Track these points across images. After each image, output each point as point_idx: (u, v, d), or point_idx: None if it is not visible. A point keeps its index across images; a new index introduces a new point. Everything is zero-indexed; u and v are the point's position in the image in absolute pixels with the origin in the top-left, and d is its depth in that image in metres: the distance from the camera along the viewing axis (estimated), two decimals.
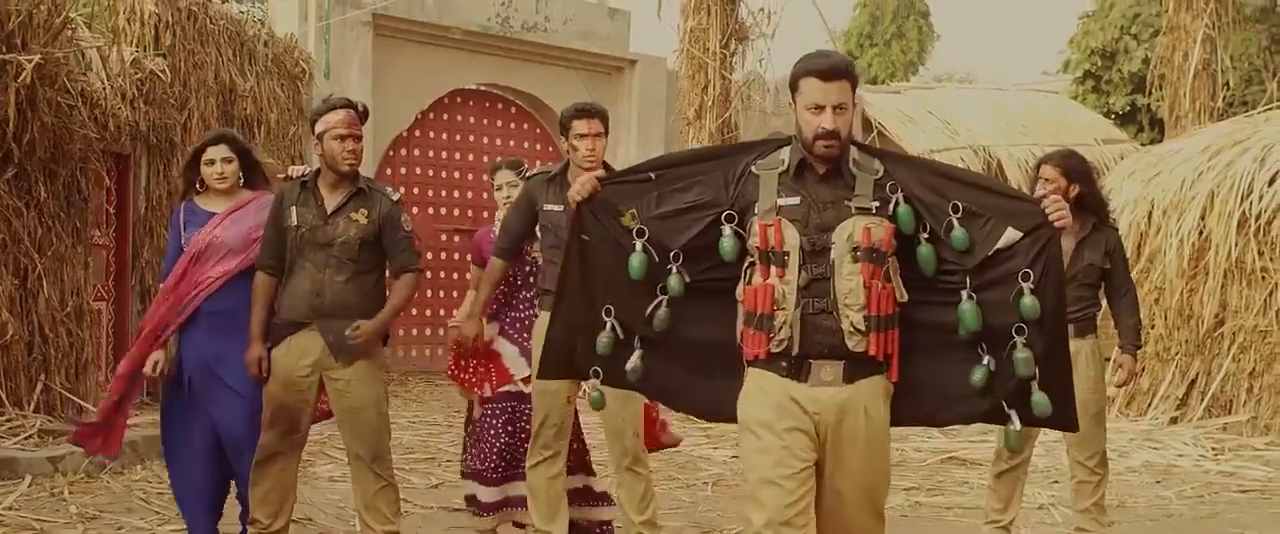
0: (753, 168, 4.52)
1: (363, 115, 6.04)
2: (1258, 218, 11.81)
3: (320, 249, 5.92)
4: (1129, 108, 23.95)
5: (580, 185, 4.66)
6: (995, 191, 4.55)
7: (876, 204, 4.37)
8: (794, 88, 4.46)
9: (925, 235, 4.41)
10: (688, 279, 4.54)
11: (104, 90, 9.98)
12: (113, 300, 10.97)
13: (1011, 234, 4.33)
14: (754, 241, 4.41)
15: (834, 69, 4.39)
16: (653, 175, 4.65)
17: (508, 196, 7.00)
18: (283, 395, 5.99)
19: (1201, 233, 12.37)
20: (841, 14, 46.42)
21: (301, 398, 6.00)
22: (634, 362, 4.64)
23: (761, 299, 4.37)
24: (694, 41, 14.70)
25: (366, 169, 11.96)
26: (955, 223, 4.35)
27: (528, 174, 6.79)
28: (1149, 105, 22.16)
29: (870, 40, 34.48)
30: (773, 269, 4.37)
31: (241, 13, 15.37)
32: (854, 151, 4.47)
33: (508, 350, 6.99)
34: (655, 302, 4.59)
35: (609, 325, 4.66)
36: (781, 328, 4.35)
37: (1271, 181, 11.82)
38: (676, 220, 4.57)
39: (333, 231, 5.92)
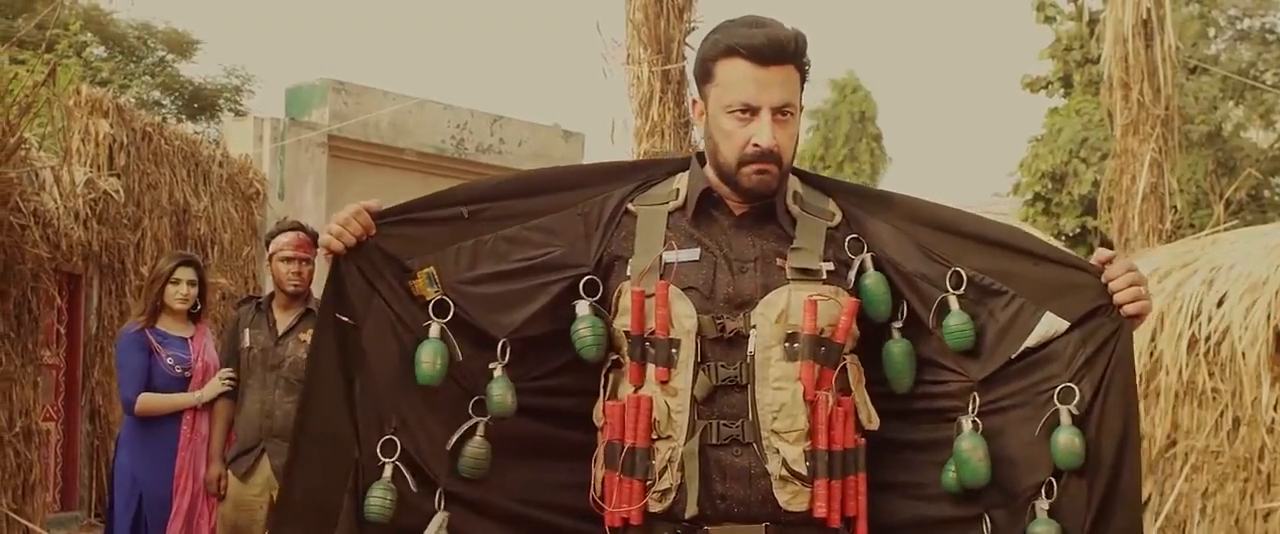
0: (629, 205, 2.81)
1: (314, 238, 6.07)
2: (1207, 339, 11.88)
3: (270, 370, 5.95)
4: (1079, 230, 24.20)
5: (339, 221, 2.80)
6: (1025, 252, 2.78)
7: (829, 266, 2.68)
8: (705, 75, 2.73)
9: (898, 324, 2.74)
10: (518, 388, 2.79)
11: (57, 210, 9.95)
12: (62, 420, 10.85)
13: (1050, 323, 2.68)
14: (623, 323, 2.71)
15: (776, 46, 2.63)
16: (465, 212, 2.83)
17: None
18: (235, 517, 5.98)
19: (1152, 354, 12.45)
20: None
21: (252, 518, 5.98)
22: (434, 531, 2.77)
23: (631, 424, 2.64)
24: None
25: (319, 290, 11.92)
26: (953, 304, 2.69)
27: None
28: (1098, 227, 22.38)
29: (823, 162, 34.82)
30: (650, 370, 2.65)
31: (196, 133, 15.39)
32: (795, 183, 2.78)
33: None
34: (466, 425, 2.80)
35: (387, 470, 2.75)
36: (664, 472, 2.62)
37: (1220, 303, 11.90)
38: (502, 288, 2.79)
39: (282, 353, 5.94)
